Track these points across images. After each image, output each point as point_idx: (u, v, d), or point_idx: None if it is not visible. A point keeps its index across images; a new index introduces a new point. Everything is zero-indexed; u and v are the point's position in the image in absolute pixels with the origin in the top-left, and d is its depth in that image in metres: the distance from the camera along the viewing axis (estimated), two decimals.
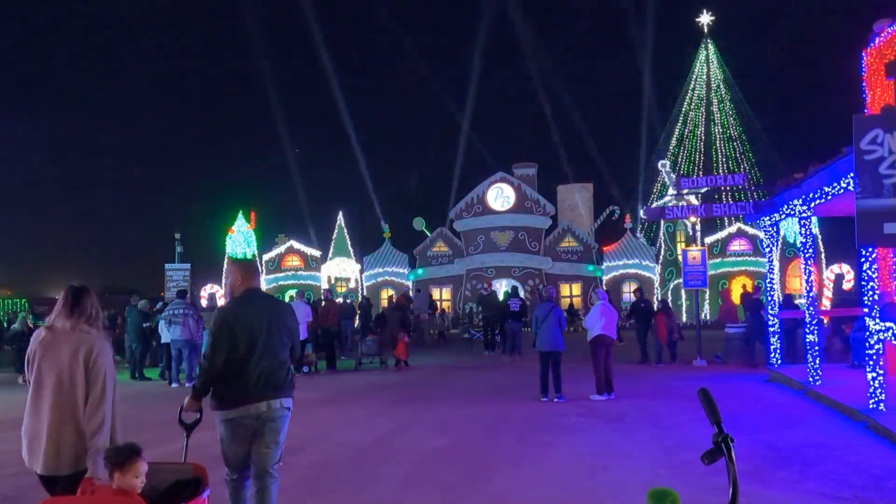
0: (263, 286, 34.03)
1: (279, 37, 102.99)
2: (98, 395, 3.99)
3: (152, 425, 9.96)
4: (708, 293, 31.67)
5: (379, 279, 34.66)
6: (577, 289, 32.80)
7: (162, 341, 15.35)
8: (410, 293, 28.06)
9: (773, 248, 15.44)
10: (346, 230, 36.15)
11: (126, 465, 3.71)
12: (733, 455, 2.31)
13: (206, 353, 4.80)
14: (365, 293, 33.34)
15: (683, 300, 32.57)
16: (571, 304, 31.03)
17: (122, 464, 3.71)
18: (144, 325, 16.51)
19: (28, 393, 4.17)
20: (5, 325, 18.94)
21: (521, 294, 26.73)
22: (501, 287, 29.41)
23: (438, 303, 31.52)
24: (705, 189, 20.19)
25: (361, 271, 35.36)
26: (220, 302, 27.74)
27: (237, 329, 4.70)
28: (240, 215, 34.93)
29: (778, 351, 14.51)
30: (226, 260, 34.30)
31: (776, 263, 15.47)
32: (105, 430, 3.97)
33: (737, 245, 33.40)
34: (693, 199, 27.73)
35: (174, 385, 14.97)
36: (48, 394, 4.07)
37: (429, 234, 34.89)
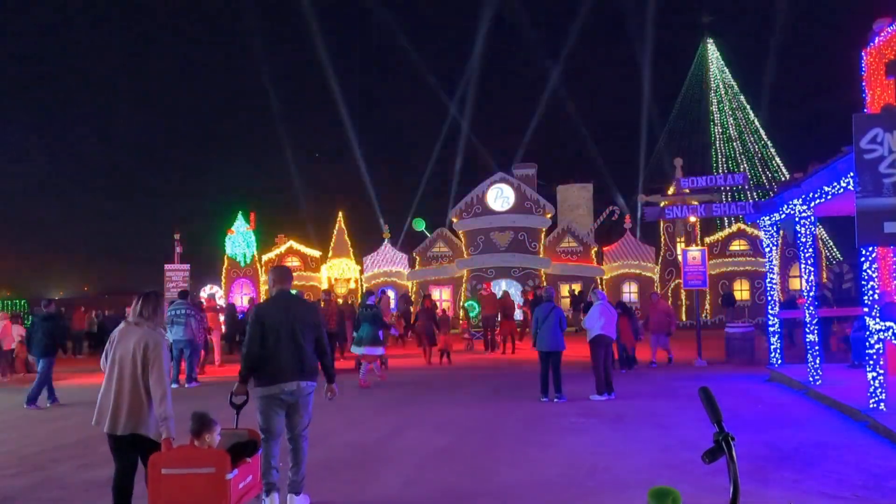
0: (262, 287, 34.16)
1: (279, 37, 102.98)
2: (157, 375, 5.16)
3: None
4: (708, 293, 31.66)
5: (379, 280, 34.63)
6: (576, 289, 32.77)
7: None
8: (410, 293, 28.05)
9: (773, 248, 15.44)
10: (345, 231, 36.12)
11: (203, 431, 5.13)
12: (734, 454, 2.29)
13: (244, 342, 6.06)
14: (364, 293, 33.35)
15: (683, 300, 32.56)
16: (579, 293, 30.82)
17: (200, 431, 5.13)
18: None
19: (105, 373, 5.36)
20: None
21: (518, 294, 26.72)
22: (501, 287, 29.40)
23: (439, 302, 31.47)
24: (720, 187, 20.10)
25: (361, 272, 35.35)
26: (221, 303, 27.75)
27: (266, 323, 5.95)
28: (239, 216, 34.90)
29: (778, 351, 14.51)
30: (225, 258, 34.31)
31: (776, 263, 15.47)
32: (167, 400, 5.13)
33: (736, 245, 33.40)
34: (692, 199, 27.71)
35: (174, 385, 14.96)
36: (116, 373, 5.27)
37: (428, 235, 34.87)
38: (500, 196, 32.99)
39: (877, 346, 9.24)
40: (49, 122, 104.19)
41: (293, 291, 6.73)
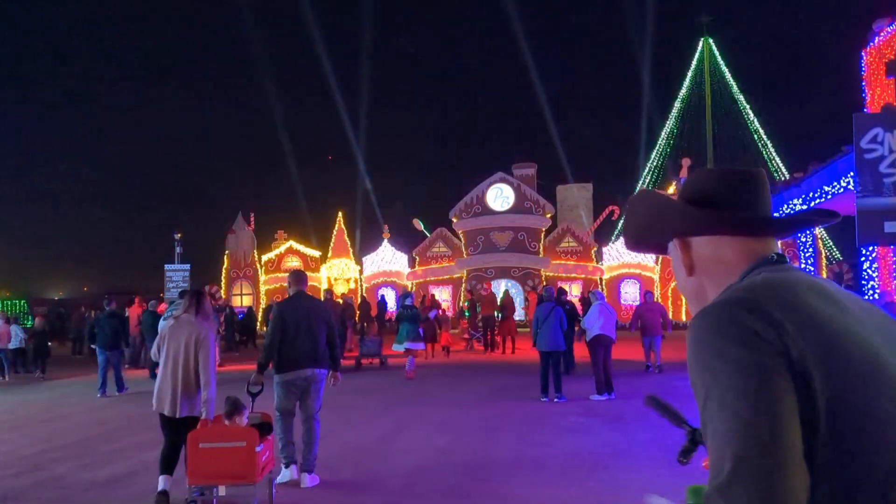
0: (262, 287, 34.18)
1: (277, 37, 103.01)
2: (204, 364, 6.01)
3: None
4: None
5: (378, 279, 34.64)
6: (576, 289, 32.78)
7: None
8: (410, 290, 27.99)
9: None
10: (345, 230, 36.12)
11: (235, 413, 5.98)
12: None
13: (266, 335, 7.03)
14: (364, 294, 33.33)
15: (683, 300, 32.54)
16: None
17: (231, 413, 5.98)
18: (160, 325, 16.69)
19: (161, 361, 6.17)
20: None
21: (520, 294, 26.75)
22: (500, 287, 29.39)
23: (442, 302, 31.43)
24: None
25: (361, 271, 35.34)
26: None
27: (286, 318, 6.89)
28: (239, 216, 34.92)
29: None
30: (225, 258, 34.30)
31: None
32: (211, 386, 5.99)
33: None
34: None
35: None
36: (171, 364, 6.06)
37: (428, 235, 34.87)
38: (499, 196, 33.00)
39: None
40: (48, 123, 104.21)
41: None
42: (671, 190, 29.99)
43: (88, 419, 11.39)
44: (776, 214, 1.53)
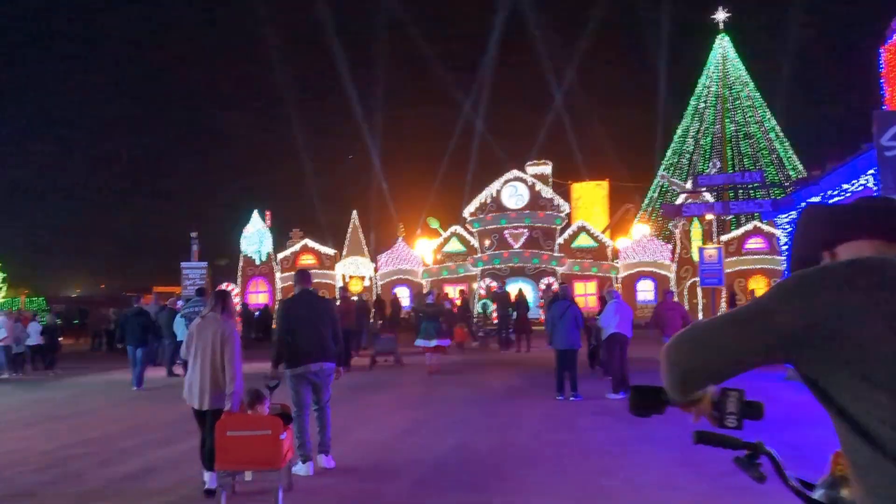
0: (278, 284, 34.31)
1: (294, 37, 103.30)
2: (230, 359, 6.36)
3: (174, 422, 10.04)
4: (724, 291, 31.47)
5: (393, 277, 34.68)
6: (591, 287, 32.67)
7: (178, 338, 15.47)
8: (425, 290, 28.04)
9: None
10: (360, 229, 36.17)
11: (256, 403, 6.32)
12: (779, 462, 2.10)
13: (276, 333, 7.51)
14: (379, 292, 33.37)
15: (700, 298, 32.35)
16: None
17: (253, 403, 6.32)
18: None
19: (190, 358, 6.55)
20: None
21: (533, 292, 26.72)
22: (515, 286, 29.33)
23: (452, 300, 31.44)
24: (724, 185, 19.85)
25: (376, 270, 35.38)
26: (236, 300, 27.86)
27: (292, 315, 7.31)
28: (255, 214, 35.04)
29: None
30: (241, 256, 34.46)
31: None
32: (236, 380, 6.33)
33: (753, 243, 33.17)
34: (709, 197, 27.56)
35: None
36: (200, 360, 6.42)
37: (442, 233, 34.86)
38: (514, 194, 32.93)
39: None
40: (62, 119, 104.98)
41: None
42: (681, 198, 29.75)
43: (107, 416, 11.48)
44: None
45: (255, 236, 34.59)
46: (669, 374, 1.74)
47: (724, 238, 33.41)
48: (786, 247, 15.51)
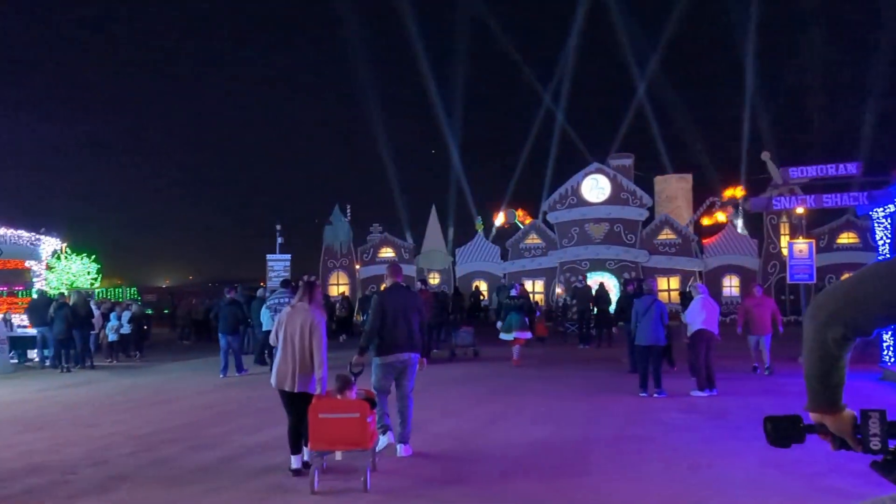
0: (358, 276, 34.80)
1: (374, 34, 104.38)
2: (317, 346, 6.81)
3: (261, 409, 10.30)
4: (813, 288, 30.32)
5: (471, 271, 34.69)
6: (675, 282, 31.98)
7: (264, 328, 15.87)
8: (502, 282, 28.04)
9: (886, 241, 14.63)
10: (438, 223, 36.31)
11: (345, 388, 6.79)
12: None
13: (368, 321, 7.83)
14: (457, 285, 33.44)
15: (787, 294, 31.26)
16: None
17: (342, 388, 6.78)
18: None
19: (279, 344, 6.97)
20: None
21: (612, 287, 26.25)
22: (596, 280, 28.96)
23: (532, 295, 31.28)
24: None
25: (454, 263, 35.48)
26: None
27: (386, 306, 7.64)
28: (336, 208, 35.60)
29: (891, 348, 13.78)
30: (322, 249, 35.06)
31: (888, 256, 14.64)
32: (323, 366, 6.77)
33: (844, 238, 31.85)
34: (799, 189, 26.59)
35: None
36: (289, 345, 6.85)
37: (522, 226, 34.68)
38: (595, 187, 32.45)
39: None
40: (155, 118, 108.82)
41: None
42: (772, 188, 28.74)
43: (196, 402, 11.87)
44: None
45: (337, 229, 35.16)
46: (813, 319, 1.91)
47: (813, 232, 32.17)
48: (882, 241, 14.78)
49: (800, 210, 26.45)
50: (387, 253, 35.48)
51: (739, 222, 34.75)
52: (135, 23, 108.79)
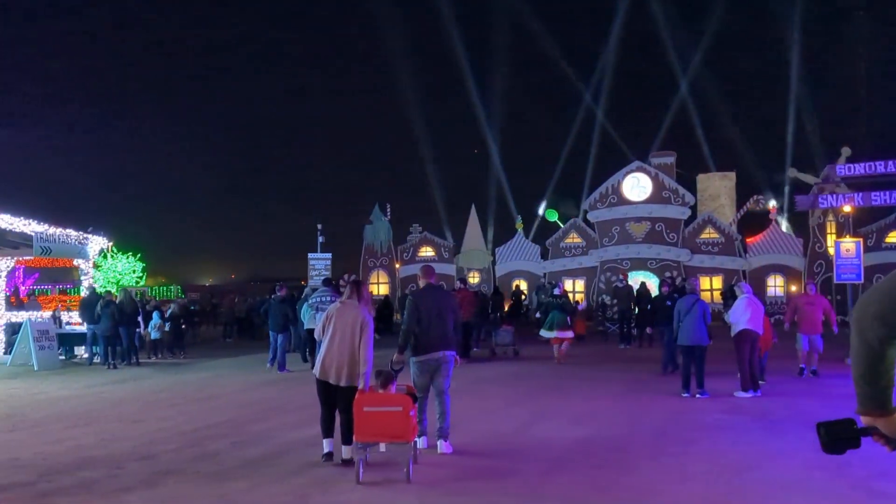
0: (399, 275, 34.96)
1: (415, 35, 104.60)
2: (364, 343, 7.07)
3: (299, 407, 10.41)
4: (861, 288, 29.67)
5: (511, 270, 34.61)
6: (717, 282, 31.54)
7: (306, 327, 15.98)
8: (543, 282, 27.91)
9: None
10: (478, 222, 36.28)
11: (387, 384, 7.08)
12: None
13: (404, 321, 7.98)
14: (497, 284, 33.40)
15: (833, 294, 30.64)
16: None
17: (385, 383, 7.08)
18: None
19: (326, 337, 7.23)
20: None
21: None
22: (637, 279, 28.70)
23: (571, 295, 31.09)
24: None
25: (494, 263, 35.43)
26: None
27: (420, 307, 7.81)
28: (376, 207, 35.79)
29: None
30: (363, 248, 35.29)
31: None
32: (369, 362, 7.04)
33: (893, 236, 31.08)
34: (846, 187, 26.03)
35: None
36: (337, 339, 7.14)
37: (562, 225, 34.50)
38: (636, 185, 32.15)
39: None
40: (199, 117, 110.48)
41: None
42: (813, 182, 28.17)
43: (239, 399, 12.03)
44: None
45: (377, 228, 35.35)
46: (857, 321, 1.93)
47: (861, 230, 31.46)
48: None
49: (846, 209, 25.87)
50: (426, 252, 35.58)
51: (784, 221, 34.14)
52: (187, 28, 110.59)
